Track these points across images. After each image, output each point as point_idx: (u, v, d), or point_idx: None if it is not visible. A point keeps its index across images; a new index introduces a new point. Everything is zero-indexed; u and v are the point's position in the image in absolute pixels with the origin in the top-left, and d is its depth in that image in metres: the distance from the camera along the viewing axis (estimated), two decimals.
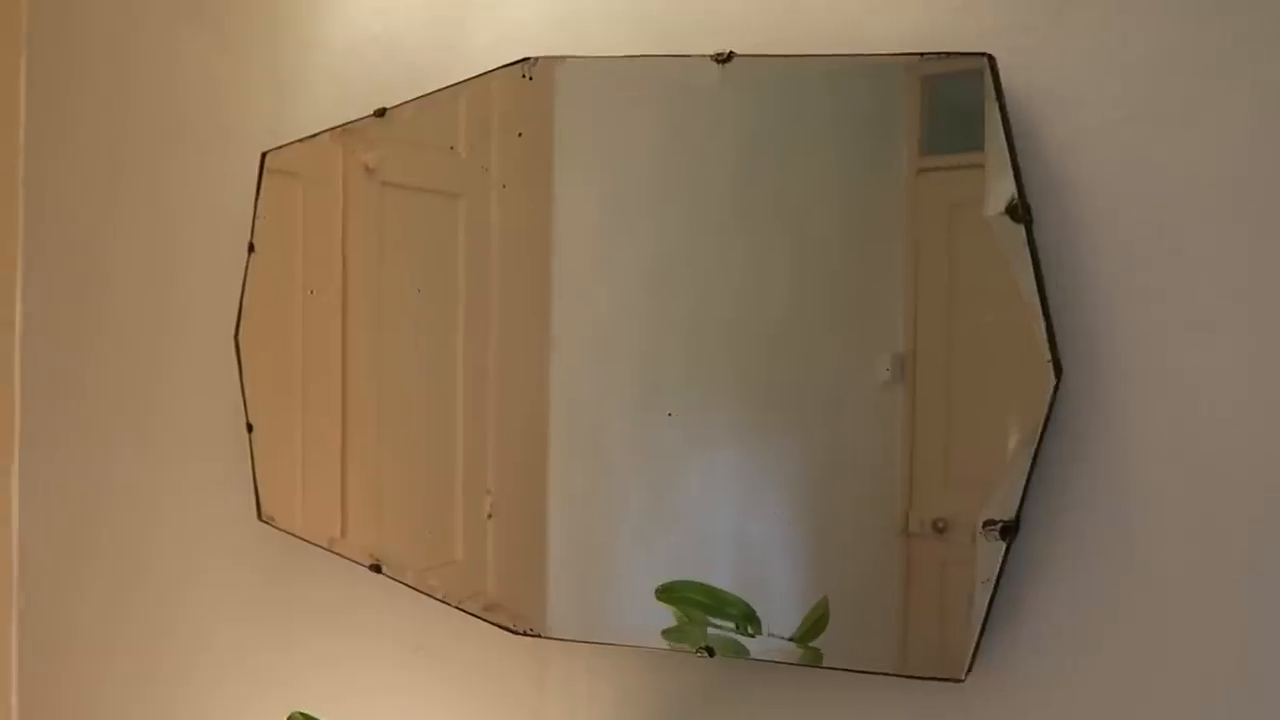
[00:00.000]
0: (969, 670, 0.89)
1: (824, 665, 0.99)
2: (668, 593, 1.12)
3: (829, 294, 1.01)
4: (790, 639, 1.02)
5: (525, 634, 1.17)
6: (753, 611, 1.05)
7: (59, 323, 1.83)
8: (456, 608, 1.24)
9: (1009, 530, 0.87)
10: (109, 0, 1.73)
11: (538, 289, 1.17)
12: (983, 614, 0.88)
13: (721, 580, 1.07)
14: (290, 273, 1.46)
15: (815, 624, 1.03)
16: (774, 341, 1.04)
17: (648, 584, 1.10)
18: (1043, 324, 0.84)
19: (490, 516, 1.24)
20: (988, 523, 0.88)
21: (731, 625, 1.06)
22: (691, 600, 1.12)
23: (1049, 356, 0.84)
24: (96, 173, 1.76)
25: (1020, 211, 0.85)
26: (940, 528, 0.93)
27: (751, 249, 1.05)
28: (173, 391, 1.64)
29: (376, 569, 1.34)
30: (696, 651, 1.06)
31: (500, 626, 1.19)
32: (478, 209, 1.24)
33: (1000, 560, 0.87)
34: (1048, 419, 0.84)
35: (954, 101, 0.92)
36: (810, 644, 1.01)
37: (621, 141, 1.14)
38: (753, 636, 1.04)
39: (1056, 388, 0.84)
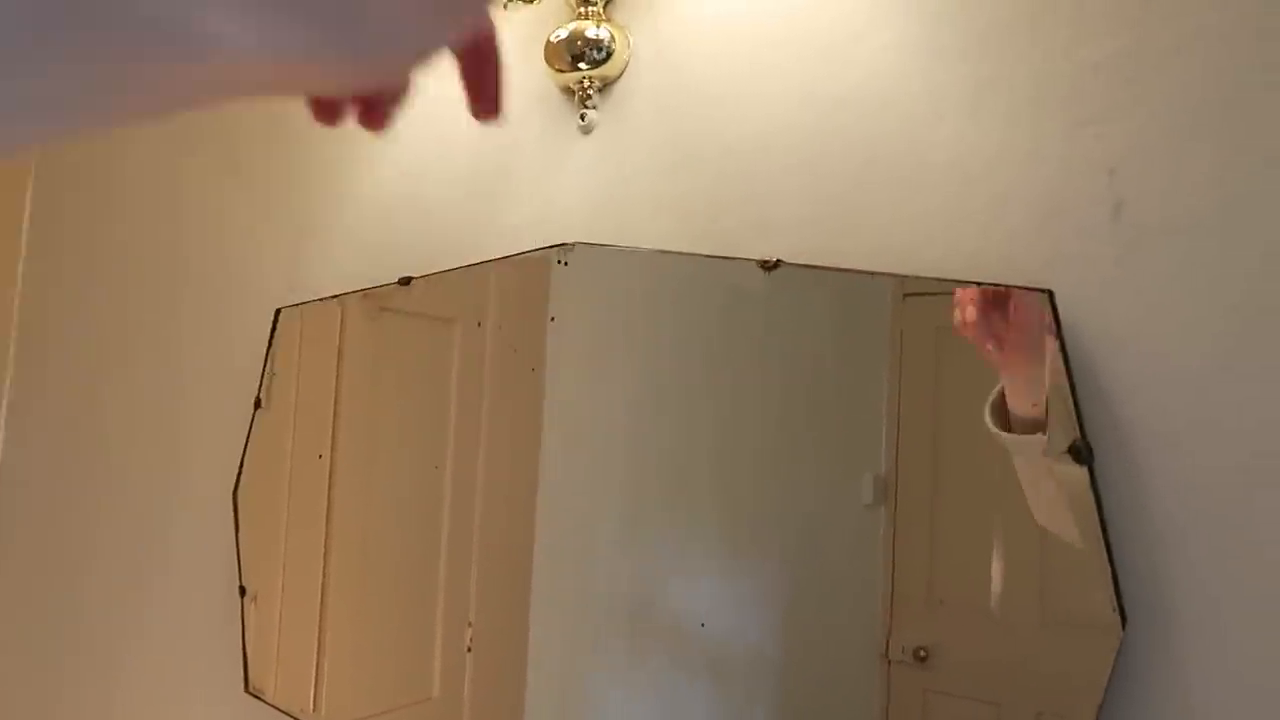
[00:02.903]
0: None
1: None
2: None
3: (812, 420, 1.00)
4: None
5: None
6: None
7: (48, 466, 1.76)
8: None
9: None
10: (137, 145, 1.72)
11: (528, 427, 1.16)
12: None
13: (702, 703, 1.04)
14: (295, 432, 1.42)
15: None
16: (757, 470, 1.03)
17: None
18: (1108, 571, 0.82)
19: (470, 650, 1.20)
20: None
21: None
22: None
23: (1114, 605, 0.81)
24: (99, 313, 1.72)
25: (1084, 454, 0.83)
26: (922, 656, 0.89)
27: (734, 386, 1.06)
28: (167, 548, 1.57)
29: None
30: None
31: None
32: (474, 335, 1.23)
33: None
34: (1113, 670, 0.81)
35: None
36: None
37: (650, 336, 1.14)
38: None
39: (1122, 638, 0.81)
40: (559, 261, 1.14)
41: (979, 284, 0.90)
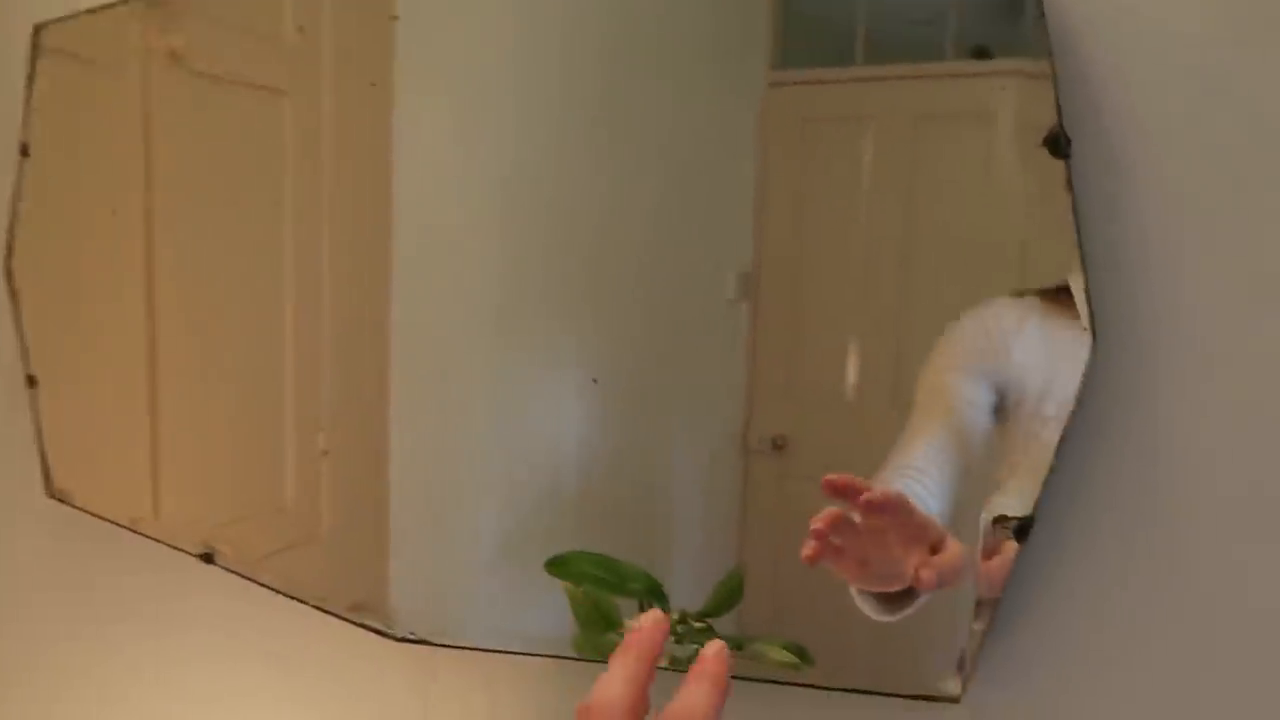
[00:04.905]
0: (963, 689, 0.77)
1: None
2: (561, 567, 0.98)
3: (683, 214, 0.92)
4: (703, 618, 0.90)
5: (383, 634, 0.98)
6: (658, 586, 0.92)
7: None
8: (316, 607, 1.03)
9: (1025, 529, 0.73)
10: None
11: (377, 201, 0.99)
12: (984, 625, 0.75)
13: (570, 495, 0.98)
14: (78, 183, 1.14)
15: (728, 598, 0.91)
16: (628, 261, 0.95)
17: (496, 521, 1.01)
18: (1080, 280, 0.69)
19: (325, 453, 1.08)
20: (999, 519, 0.74)
21: (635, 603, 0.93)
22: (589, 576, 0.97)
23: (1086, 324, 0.70)
24: None
25: (1061, 144, 0.69)
26: (779, 444, 0.88)
27: (609, 168, 0.94)
28: None
29: (208, 559, 1.09)
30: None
31: (352, 622, 0.99)
32: (309, 106, 1.00)
33: (1011, 563, 0.74)
34: (1079, 398, 0.70)
35: None
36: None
37: (477, 37, 0.94)
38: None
39: (1090, 360, 0.70)
40: None
41: None
